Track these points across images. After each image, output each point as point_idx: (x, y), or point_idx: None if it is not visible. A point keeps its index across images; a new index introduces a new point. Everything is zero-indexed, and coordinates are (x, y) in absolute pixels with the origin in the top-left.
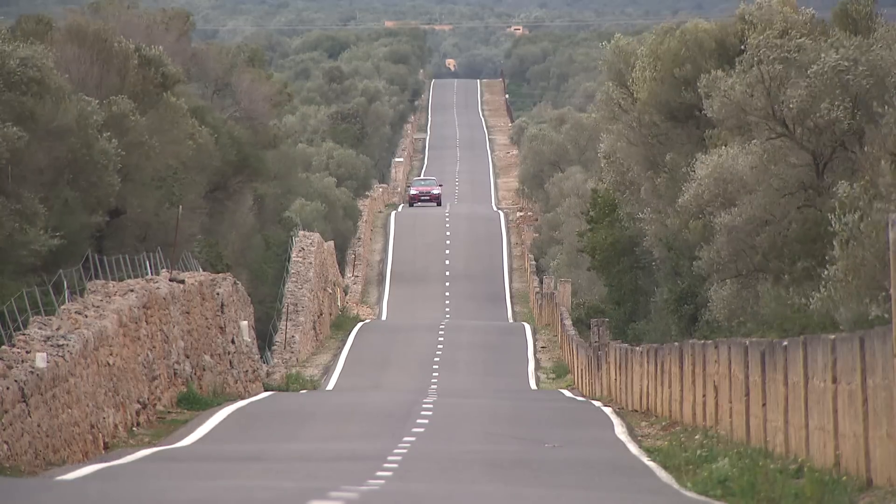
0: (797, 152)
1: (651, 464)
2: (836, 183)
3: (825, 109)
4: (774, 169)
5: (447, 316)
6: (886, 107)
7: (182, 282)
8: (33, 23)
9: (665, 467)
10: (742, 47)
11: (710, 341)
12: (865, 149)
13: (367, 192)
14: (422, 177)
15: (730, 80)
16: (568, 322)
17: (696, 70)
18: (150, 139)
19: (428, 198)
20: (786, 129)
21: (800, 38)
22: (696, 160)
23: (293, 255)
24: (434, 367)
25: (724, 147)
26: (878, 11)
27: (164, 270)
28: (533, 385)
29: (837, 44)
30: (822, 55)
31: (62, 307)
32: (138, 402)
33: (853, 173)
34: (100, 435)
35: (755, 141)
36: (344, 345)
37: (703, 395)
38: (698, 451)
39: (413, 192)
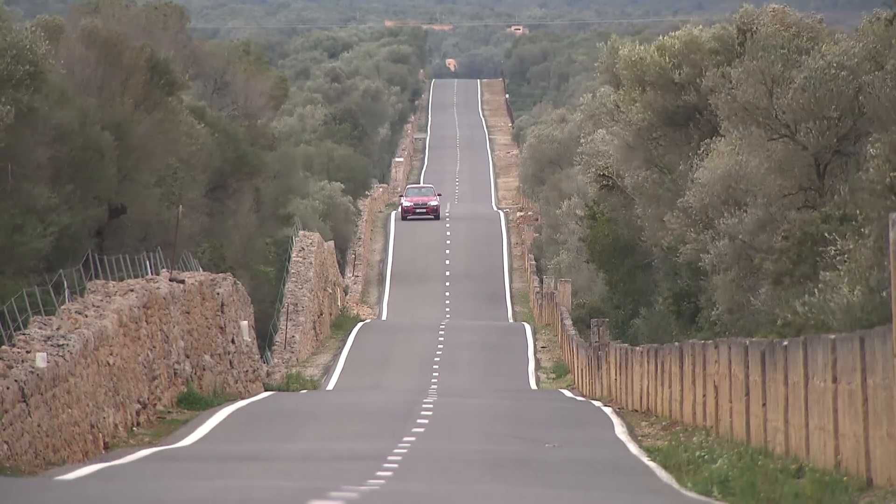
0: (798, 154)
1: (651, 464)
2: (836, 185)
3: (826, 111)
4: (776, 171)
5: (447, 316)
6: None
7: (182, 282)
8: (45, 24)
9: (665, 467)
10: (740, 49)
11: (710, 341)
12: (869, 150)
13: (366, 192)
14: (418, 184)
15: (734, 78)
16: (568, 322)
17: (695, 72)
18: (150, 139)
19: (424, 210)
20: (787, 130)
21: (805, 39)
22: (698, 166)
23: (293, 255)
24: (434, 366)
25: (724, 149)
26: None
27: (164, 270)
28: (533, 385)
29: (837, 44)
30: (820, 54)
31: (62, 307)
32: (138, 402)
33: (853, 176)
34: (100, 435)
35: (754, 144)
36: (344, 345)
37: (703, 395)
38: (698, 451)
39: (406, 203)
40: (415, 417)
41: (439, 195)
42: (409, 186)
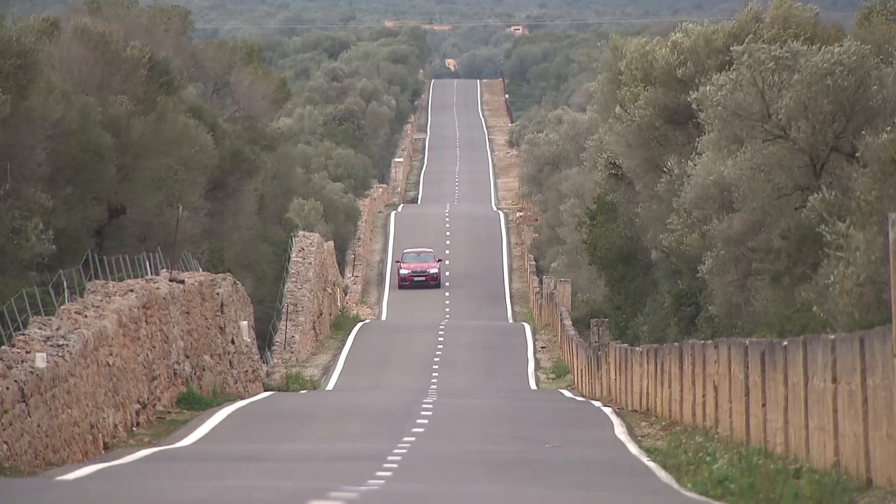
0: (793, 155)
1: (651, 464)
2: (832, 185)
3: (817, 112)
4: (771, 172)
5: (447, 316)
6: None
7: (182, 282)
8: (42, 22)
9: (665, 467)
10: (732, 51)
11: (710, 341)
12: (857, 155)
13: (366, 192)
14: (415, 249)
15: (722, 83)
16: (568, 322)
17: (694, 71)
18: (149, 139)
19: (423, 278)
20: (781, 131)
21: (801, 40)
22: (692, 164)
23: (293, 255)
24: (434, 367)
25: (716, 152)
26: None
27: (164, 270)
28: (533, 385)
29: (828, 47)
30: (812, 58)
31: (62, 307)
32: (138, 402)
33: (847, 177)
34: (100, 435)
35: (747, 147)
36: (344, 345)
37: (703, 395)
38: (698, 452)
39: (403, 271)
40: (414, 418)
41: (440, 261)
42: (406, 251)
